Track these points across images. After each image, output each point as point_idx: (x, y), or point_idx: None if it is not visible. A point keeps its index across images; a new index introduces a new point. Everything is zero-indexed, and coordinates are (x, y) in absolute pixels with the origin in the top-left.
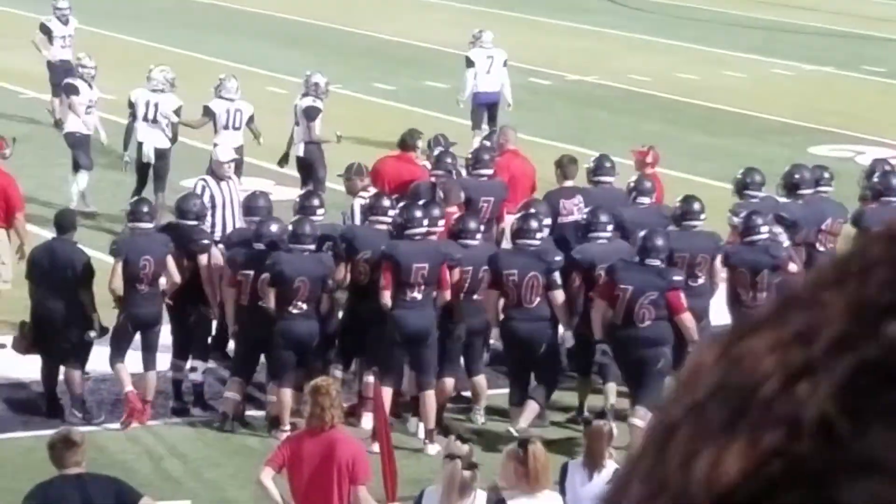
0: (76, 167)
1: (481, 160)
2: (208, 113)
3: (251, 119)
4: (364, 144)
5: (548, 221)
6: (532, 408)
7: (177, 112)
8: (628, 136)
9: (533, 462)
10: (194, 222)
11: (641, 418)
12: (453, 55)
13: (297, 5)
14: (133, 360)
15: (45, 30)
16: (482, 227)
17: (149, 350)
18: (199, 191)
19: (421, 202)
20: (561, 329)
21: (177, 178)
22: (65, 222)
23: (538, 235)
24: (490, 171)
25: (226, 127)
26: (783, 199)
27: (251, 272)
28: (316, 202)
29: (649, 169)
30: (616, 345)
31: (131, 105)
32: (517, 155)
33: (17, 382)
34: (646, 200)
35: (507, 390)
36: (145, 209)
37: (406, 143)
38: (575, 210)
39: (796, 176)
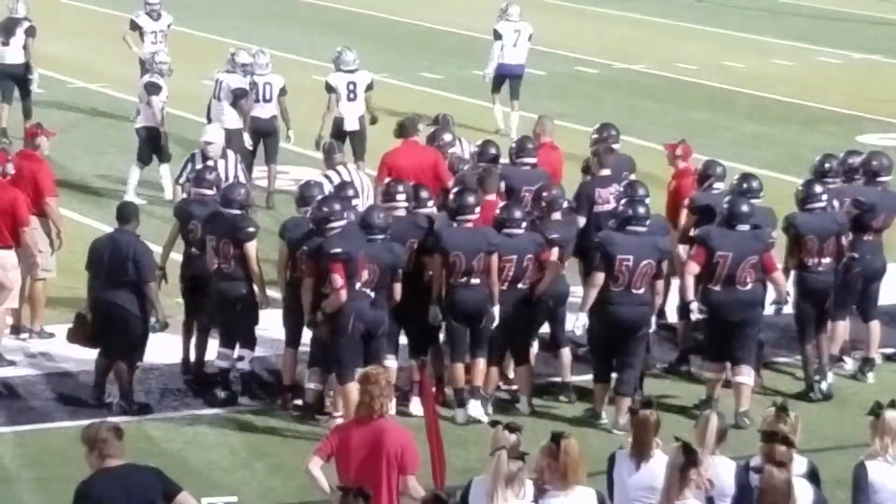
0: (143, 161)
1: (524, 149)
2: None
3: (282, 92)
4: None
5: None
6: (626, 402)
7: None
8: (675, 125)
9: (564, 457)
10: (239, 211)
11: (747, 376)
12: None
13: None
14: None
15: (135, 26)
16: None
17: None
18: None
19: (469, 189)
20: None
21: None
22: (126, 213)
23: (647, 221)
24: (533, 161)
25: (256, 100)
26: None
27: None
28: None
29: (681, 162)
30: (716, 309)
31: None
32: (555, 148)
33: (65, 372)
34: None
35: (547, 380)
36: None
37: (407, 129)
38: (611, 199)
39: (874, 163)
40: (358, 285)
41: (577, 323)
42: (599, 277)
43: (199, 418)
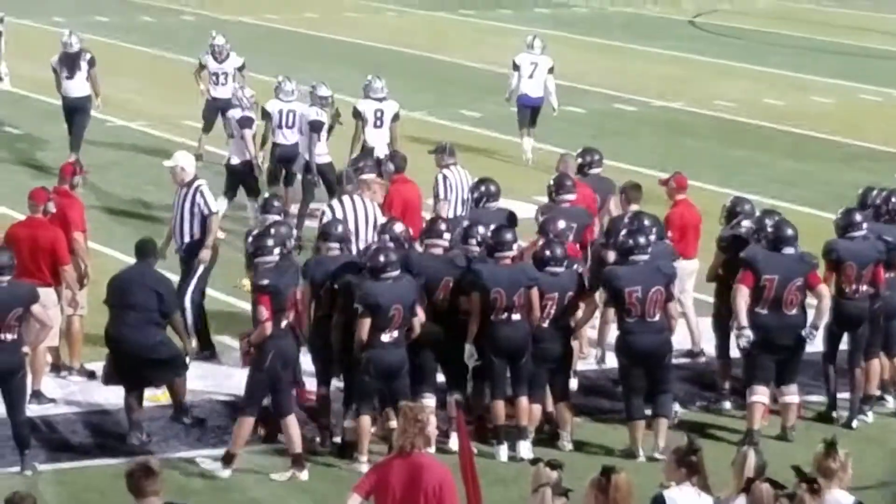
0: (230, 195)
1: (564, 186)
2: (265, 114)
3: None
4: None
5: (653, 237)
6: (664, 423)
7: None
8: (715, 162)
9: (614, 492)
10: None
11: (794, 395)
12: None
13: (386, 34)
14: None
15: (203, 66)
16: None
17: None
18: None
19: (507, 226)
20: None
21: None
22: (146, 249)
23: (649, 249)
24: (573, 197)
25: (279, 126)
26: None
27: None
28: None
29: (678, 194)
30: (763, 332)
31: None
32: (582, 185)
33: (104, 409)
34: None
35: (589, 418)
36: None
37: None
38: None
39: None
40: (284, 323)
41: (598, 357)
42: (611, 313)
43: (240, 455)
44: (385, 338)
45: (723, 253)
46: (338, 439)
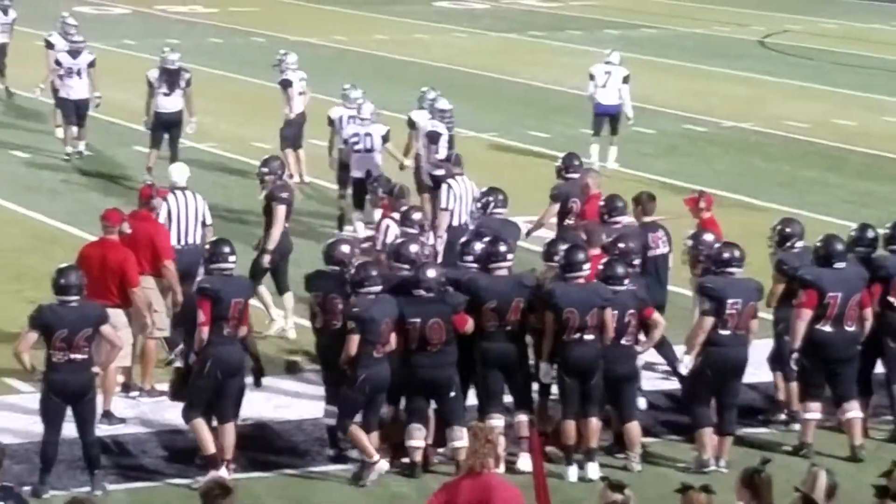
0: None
1: (616, 208)
2: (330, 121)
3: (385, 139)
4: (521, 192)
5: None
6: (730, 440)
7: (385, 137)
8: (785, 182)
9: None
10: (338, 268)
11: (857, 410)
12: None
13: (454, 54)
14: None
15: (286, 83)
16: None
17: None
18: None
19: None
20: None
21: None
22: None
23: (742, 263)
24: (626, 219)
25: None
26: None
27: (418, 320)
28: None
29: (705, 213)
30: (825, 348)
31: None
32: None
33: (175, 429)
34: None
35: (658, 439)
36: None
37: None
38: (660, 244)
39: None
40: (226, 330)
41: (681, 365)
42: (709, 322)
43: (310, 475)
44: (376, 354)
45: (784, 276)
46: (406, 459)
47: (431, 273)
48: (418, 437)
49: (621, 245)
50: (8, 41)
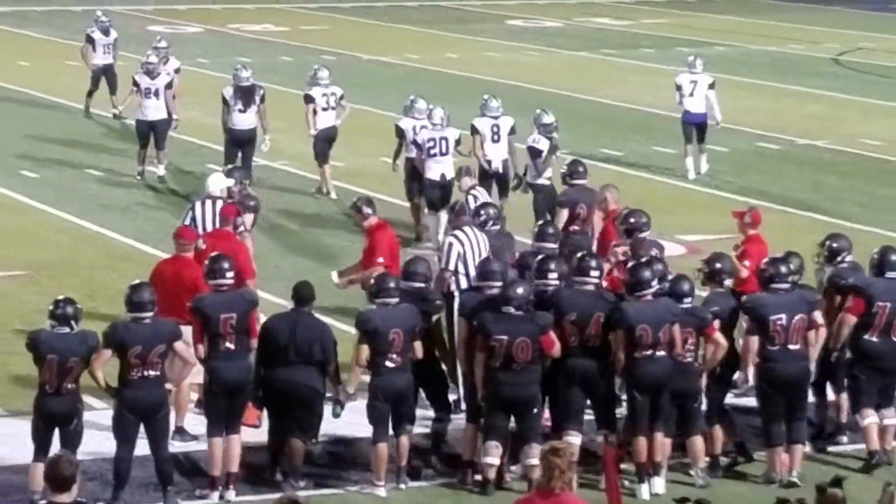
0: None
1: (641, 224)
2: (398, 131)
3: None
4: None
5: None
6: (800, 449)
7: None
8: (860, 201)
9: None
10: (422, 284)
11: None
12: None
13: (527, 72)
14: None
15: (308, 98)
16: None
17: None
18: None
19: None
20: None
21: None
22: (308, 294)
23: (792, 278)
24: (644, 234)
25: (412, 143)
26: None
27: (505, 337)
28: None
29: (751, 230)
30: (873, 358)
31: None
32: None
33: (247, 445)
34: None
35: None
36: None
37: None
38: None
39: None
40: (224, 346)
41: (742, 382)
42: (754, 341)
43: (387, 491)
44: (389, 363)
45: (839, 291)
46: (479, 476)
47: (521, 290)
48: (494, 455)
49: (717, 265)
50: (112, 62)
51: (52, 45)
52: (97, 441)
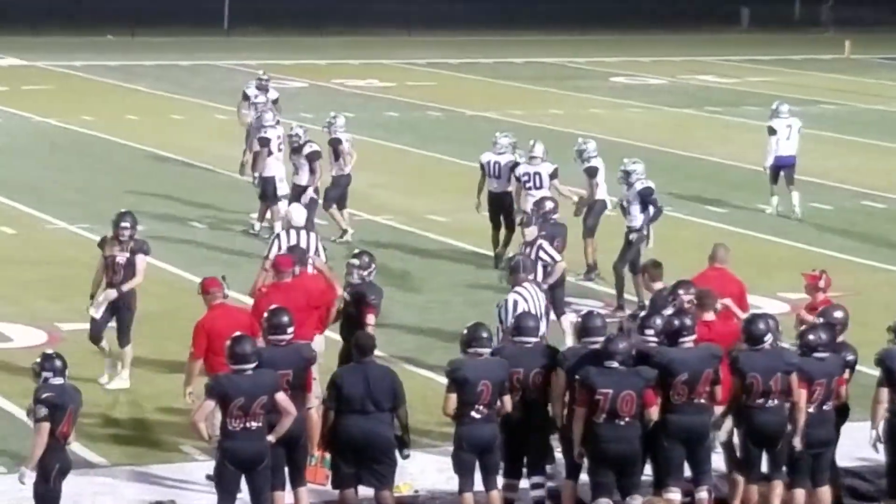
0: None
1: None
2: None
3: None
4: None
5: None
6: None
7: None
8: None
9: None
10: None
11: None
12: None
13: (631, 130)
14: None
15: (336, 141)
16: None
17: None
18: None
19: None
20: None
21: None
22: (371, 345)
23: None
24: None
25: (490, 175)
26: None
27: (610, 391)
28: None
29: (821, 295)
30: None
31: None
32: (718, 271)
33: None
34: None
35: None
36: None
37: None
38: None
39: None
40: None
41: (872, 439)
42: (883, 393)
43: None
44: (475, 414)
45: None
46: None
47: (623, 345)
48: None
49: (837, 315)
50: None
51: (160, 100)
52: (200, 492)
